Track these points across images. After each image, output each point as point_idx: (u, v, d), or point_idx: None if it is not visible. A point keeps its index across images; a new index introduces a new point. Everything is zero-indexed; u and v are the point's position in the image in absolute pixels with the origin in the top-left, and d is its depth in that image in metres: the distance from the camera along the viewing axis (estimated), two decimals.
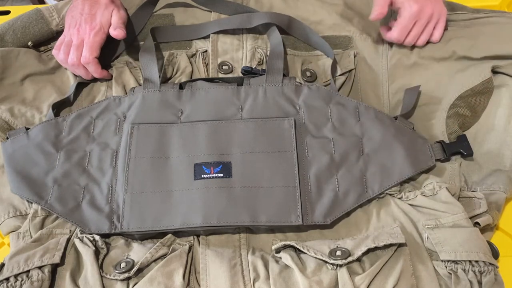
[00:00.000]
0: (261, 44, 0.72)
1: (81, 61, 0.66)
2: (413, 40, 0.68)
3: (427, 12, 0.66)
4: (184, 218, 0.54)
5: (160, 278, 0.50)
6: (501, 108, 0.62)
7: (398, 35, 0.67)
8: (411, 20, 0.66)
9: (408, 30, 0.67)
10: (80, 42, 0.67)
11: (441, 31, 0.68)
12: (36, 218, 0.57)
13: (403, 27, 0.66)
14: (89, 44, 0.66)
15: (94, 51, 0.66)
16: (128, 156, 0.58)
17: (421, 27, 0.67)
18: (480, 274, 0.49)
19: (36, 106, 0.67)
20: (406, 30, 0.67)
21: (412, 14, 0.65)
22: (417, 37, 0.68)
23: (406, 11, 0.65)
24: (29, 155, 0.60)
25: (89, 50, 0.66)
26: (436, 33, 0.68)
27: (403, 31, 0.66)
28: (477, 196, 0.57)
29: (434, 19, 0.67)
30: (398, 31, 0.67)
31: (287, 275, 0.51)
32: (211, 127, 0.60)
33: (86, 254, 0.52)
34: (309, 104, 0.62)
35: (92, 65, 0.66)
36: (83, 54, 0.66)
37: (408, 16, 0.65)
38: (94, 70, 0.67)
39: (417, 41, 0.68)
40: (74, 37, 0.67)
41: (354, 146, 0.59)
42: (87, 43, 0.66)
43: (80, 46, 0.67)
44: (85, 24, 0.67)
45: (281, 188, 0.55)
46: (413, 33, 0.67)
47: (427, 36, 0.68)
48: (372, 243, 0.50)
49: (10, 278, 0.50)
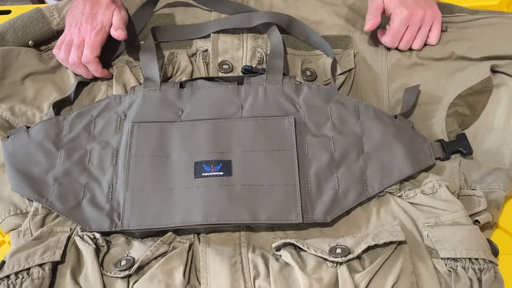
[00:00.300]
0: (261, 44, 0.72)
1: (82, 60, 0.66)
2: (407, 45, 0.69)
3: (418, 17, 0.67)
4: (184, 216, 0.54)
5: (161, 276, 0.50)
6: (501, 107, 0.62)
7: (391, 40, 0.69)
8: (402, 26, 0.67)
9: (400, 35, 0.68)
10: (81, 41, 0.67)
11: (437, 33, 0.69)
12: (36, 216, 0.57)
13: (395, 32, 0.68)
14: (90, 43, 0.66)
15: (95, 51, 0.66)
16: (129, 154, 0.58)
17: (413, 31, 0.68)
18: (480, 272, 0.49)
19: (37, 105, 0.67)
20: (398, 35, 0.68)
21: (403, 20, 0.67)
22: (411, 41, 0.69)
23: (397, 16, 0.67)
24: (30, 153, 0.60)
25: (90, 49, 0.66)
26: (432, 36, 0.69)
27: (396, 36, 0.68)
28: (477, 194, 0.57)
29: (427, 23, 0.68)
30: (391, 36, 0.68)
31: (287, 272, 0.51)
32: (211, 125, 0.60)
33: (86, 252, 0.52)
34: (309, 103, 0.62)
35: (93, 64, 0.67)
36: (84, 53, 0.66)
37: (399, 21, 0.67)
38: (95, 69, 0.67)
39: (412, 44, 0.69)
40: (75, 36, 0.67)
41: (354, 144, 0.59)
42: (88, 43, 0.66)
43: (81, 45, 0.67)
44: (86, 24, 0.67)
45: (281, 186, 0.55)
46: (406, 38, 0.68)
47: (422, 39, 0.69)
48: (372, 241, 0.50)
49: (11, 276, 0.50)
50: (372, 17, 0.68)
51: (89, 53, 0.66)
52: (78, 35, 0.67)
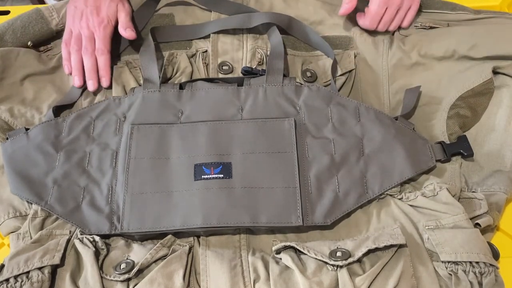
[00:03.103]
0: (261, 44, 0.71)
1: (95, 53, 0.67)
2: (385, 26, 0.71)
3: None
4: (184, 218, 0.54)
5: (160, 279, 0.50)
6: (502, 109, 0.62)
7: (370, 22, 0.70)
8: (380, 8, 0.69)
9: (379, 16, 0.70)
10: (91, 35, 0.67)
11: (410, 18, 0.71)
12: (36, 218, 0.57)
13: (374, 14, 0.69)
14: (101, 37, 0.67)
15: (107, 44, 0.67)
16: (128, 156, 0.58)
17: (392, 13, 0.70)
18: (480, 275, 0.49)
19: (36, 106, 0.67)
20: (377, 17, 0.70)
21: (382, 1, 0.68)
22: (389, 23, 0.71)
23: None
24: (29, 155, 0.60)
25: (102, 42, 0.67)
26: (405, 20, 0.71)
27: (375, 18, 0.70)
28: (478, 197, 0.57)
29: (405, 6, 0.70)
30: (370, 18, 0.70)
31: (288, 276, 0.51)
32: (211, 127, 0.60)
33: (86, 255, 0.52)
34: (309, 105, 0.62)
35: (106, 57, 0.67)
36: (97, 47, 0.67)
37: (378, 3, 0.68)
38: (104, 63, 0.67)
39: (390, 26, 0.71)
40: (84, 30, 0.68)
41: (355, 146, 0.59)
42: (99, 36, 0.67)
43: (92, 38, 0.67)
44: (92, 17, 0.68)
45: (281, 189, 0.55)
46: (384, 19, 0.70)
47: (398, 22, 0.71)
48: (373, 244, 0.50)
49: (10, 279, 0.50)
50: (348, 0, 0.69)
51: (102, 45, 0.67)
52: (87, 29, 0.67)
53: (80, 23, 0.68)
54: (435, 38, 0.69)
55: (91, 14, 0.68)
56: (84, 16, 0.68)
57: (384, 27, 0.71)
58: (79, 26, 0.68)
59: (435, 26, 0.71)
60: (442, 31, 0.70)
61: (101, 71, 0.68)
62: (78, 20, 0.68)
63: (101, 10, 0.68)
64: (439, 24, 0.71)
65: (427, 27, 0.72)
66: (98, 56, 0.67)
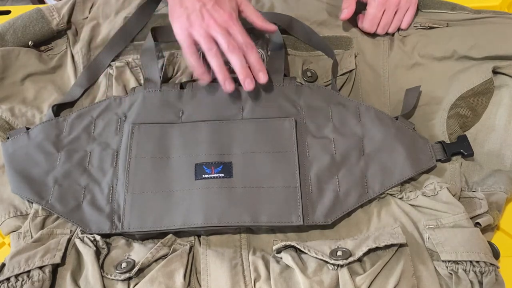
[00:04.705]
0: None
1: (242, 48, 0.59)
2: (384, 29, 0.71)
3: (394, 1, 0.69)
4: (185, 218, 0.54)
5: (161, 278, 0.50)
6: (502, 109, 0.62)
7: (369, 25, 0.71)
8: (379, 10, 0.69)
9: (378, 19, 0.70)
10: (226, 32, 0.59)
11: (409, 19, 0.71)
12: (36, 218, 0.57)
13: (373, 17, 0.70)
14: (240, 31, 0.59)
15: (248, 37, 0.60)
16: (129, 156, 0.58)
17: (390, 15, 0.70)
18: (481, 275, 0.49)
19: (37, 106, 0.67)
20: (376, 20, 0.70)
21: (379, 3, 0.69)
22: (388, 26, 0.71)
23: (373, 1, 0.69)
24: (30, 155, 0.60)
25: (245, 36, 0.59)
26: (404, 21, 0.71)
27: (374, 21, 0.70)
28: (478, 197, 0.57)
29: (403, 7, 0.70)
30: (368, 21, 0.70)
31: (288, 275, 0.51)
32: (212, 127, 0.60)
33: (86, 254, 0.52)
34: (310, 104, 0.62)
35: (256, 49, 0.60)
36: (243, 41, 0.59)
37: (376, 5, 0.69)
38: (257, 56, 0.60)
39: (389, 28, 0.71)
40: (214, 29, 0.59)
41: (355, 146, 0.59)
42: (238, 31, 0.59)
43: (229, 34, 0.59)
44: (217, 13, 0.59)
45: (282, 188, 0.55)
46: (383, 21, 0.71)
47: (397, 24, 0.72)
48: (373, 243, 0.50)
49: (11, 278, 0.50)
50: (347, 5, 0.69)
51: (247, 39, 0.59)
52: (218, 27, 0.59)
53: (203, 23, 0.59)
54: (435, 38, 0.69)
55: (214, 10, 0.59)
56: (206, 14, 0.59)
57: (384, 30, 0.71)
58: (205, 26, 0.59)
59: (434, 26, 0.71)
60: (442, 31, 0.70)
61: (257, 65, 0.60)
62: (199, 20, 0.59)
63: (223, 3, 0.60)
64: (439, 24, 0.71)
65: (426, 27, 0.72)
66: (248, 51, 0.59)
